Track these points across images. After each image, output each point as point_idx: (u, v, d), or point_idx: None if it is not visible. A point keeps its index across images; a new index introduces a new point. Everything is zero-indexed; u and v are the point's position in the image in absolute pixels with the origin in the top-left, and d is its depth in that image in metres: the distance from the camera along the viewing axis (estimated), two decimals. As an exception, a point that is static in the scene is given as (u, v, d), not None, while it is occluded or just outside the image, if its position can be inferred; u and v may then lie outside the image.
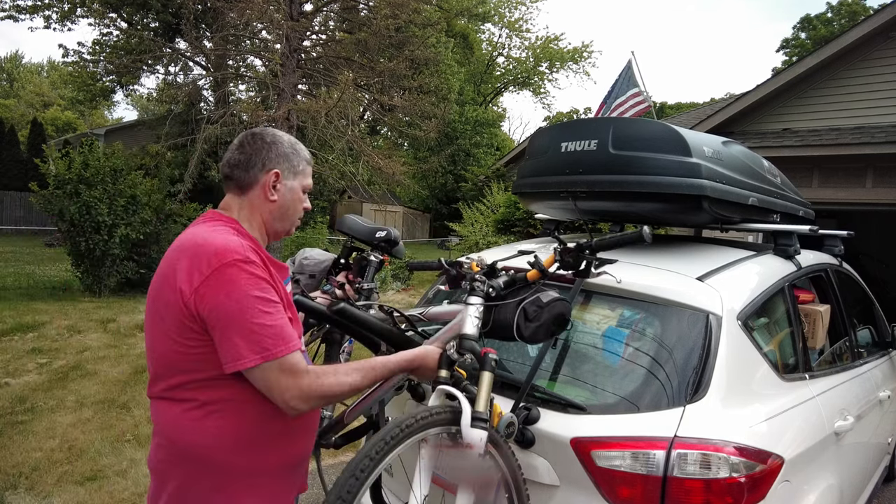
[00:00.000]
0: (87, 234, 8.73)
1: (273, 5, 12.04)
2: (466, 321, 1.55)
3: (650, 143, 2.16)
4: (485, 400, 1.43)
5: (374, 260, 2.28)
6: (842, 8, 31.23)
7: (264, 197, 1.45)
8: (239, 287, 1.25)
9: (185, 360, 1.30)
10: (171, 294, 1.28)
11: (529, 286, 1.60)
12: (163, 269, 1.35)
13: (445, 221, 17.35)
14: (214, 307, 1.24)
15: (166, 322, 1.30)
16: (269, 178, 1.44)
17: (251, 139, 1.46)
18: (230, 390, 1.31)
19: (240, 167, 1.44)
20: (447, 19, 22.50)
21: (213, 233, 1.34)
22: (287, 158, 1.47)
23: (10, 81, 42.20)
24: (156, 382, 1.36)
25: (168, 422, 1.34)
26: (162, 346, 1.32)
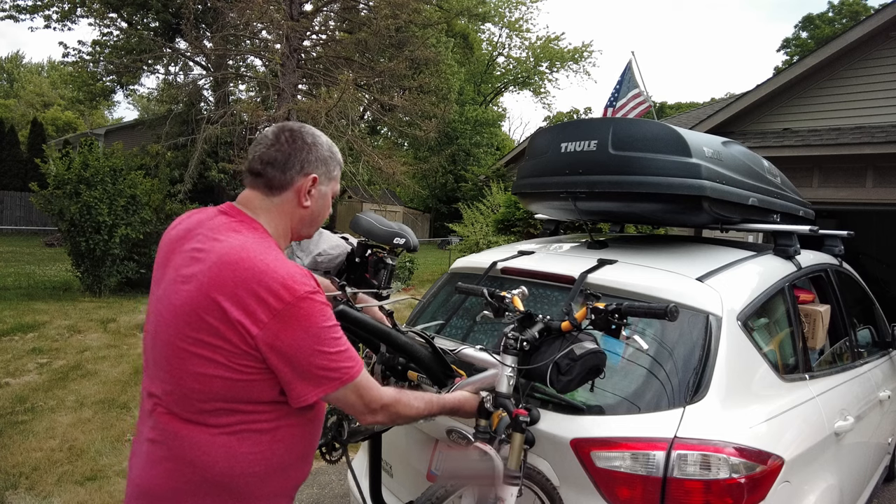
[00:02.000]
0: (87, 234, 8.74)
1: (273, 5, 12.04)
2: (502, 380, 1.62)
3: (650, 144, 2.15)
4: (517, 458, 1.53)
5: (390, 264, 2.27)
6: (843, 7, 31.22)
7: (297, 202, 1.34)
8: (313, 321, 1.18)
9: (230, 389, 1.20)
10: (219, 322, 1.16)
11: (563, 336, 1.63)
12: (206, 287, 1.18)
13: (445, 222, 17.34)
14: (288, 345, 1.17)
15: (217, 352, 1.18)
16: (305, 183, 1.34)
17: (290, 136, 1.33)
18: (269, 416, 1.25)
19: (275, 166, 1.31)
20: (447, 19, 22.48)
21: (264, 252, 1.21)
22: (325, 163, 1.38)
23: (11, 81, 42.21)
24: (178, 403, 1.23)
25: (196, 446, 1.22)
26: (201, 373, 1.19)
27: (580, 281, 2.02)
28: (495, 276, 2.37)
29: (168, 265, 1.30)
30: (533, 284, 2.21)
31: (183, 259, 1.26)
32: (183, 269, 1.24)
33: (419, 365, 1.74)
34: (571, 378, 1.54)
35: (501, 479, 1.51)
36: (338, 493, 3.47)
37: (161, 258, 1.35)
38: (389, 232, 2.31)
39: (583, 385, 1.61)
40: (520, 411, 1.56)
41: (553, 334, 1.65)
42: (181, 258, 1.27)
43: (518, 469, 1.52)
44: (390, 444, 2.18)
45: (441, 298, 2.61)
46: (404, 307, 6.15)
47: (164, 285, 1.28)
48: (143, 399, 1.33)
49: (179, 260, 1.27)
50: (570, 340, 1.59)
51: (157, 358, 1.26)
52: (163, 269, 1.32)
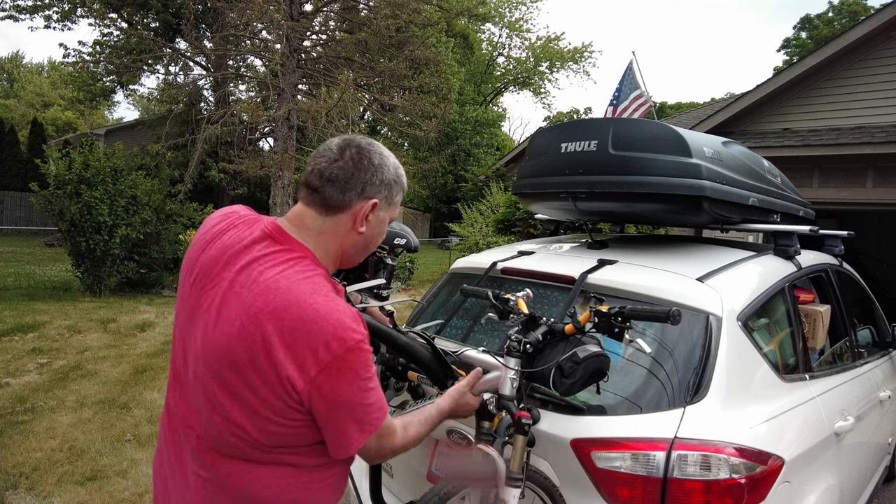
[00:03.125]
0: (87, 234, 8.74)
1: (273, 5, 12.04)
2: (506, 382, 1.62)
3: (650, 144, 2.15)
4: (519, 460, 1.53)
5: (390, 264, 2.27)
6: (843, 7, 31.22)
7: (352, 226, 1.24)
8: (357, 374, 1.12)
9: (278, 438, 1.15)
10: (272, 374, 1.09)
11: (567, 339, 1.63)
12: (249, 332, 1.10)
13: (445, 222, 17.34)
14: (332, 398, 1.11)
15: (264, 400, 1.11)
16: (364, 208, 1.23)
17: (356, 154, 1.22)
18: (324, 453, 1.22)
19: (335, 185, 1.20)
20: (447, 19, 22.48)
21: (313, 293, 1.12)
22: (389, 187, 1.27)
23: (11, 81, 42.21)
24: (222, 444, 1.17)
25: (254, 480, 1.16)
26: (246, 417, 1.13)
27: (580, 281, 2.02)
28: (495, 276, 2.37)
29: (205, 289, 1.19)
30: (533, 285, 2.20)
31: (223, 290, 1.16)
32: (224, 305, 1.14)
33: (419, 365, 1.74)
34: (574, 381, 1.54)
35: (504, 481, 1.51)
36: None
37: (194, 278, 1.22)
38: (390, 232, 2.31)
39: (586, 388, 1.61)
40: (522, 413, 1.56)
41: (556, 337, 1.65)
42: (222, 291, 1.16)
43: (520, 471, 1.53)
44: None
45: (441, 299, 2.61)
46: (405, 308, 6.15)
47: (203, 317, 1.17)
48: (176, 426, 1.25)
49: (219, 292, 1.16)
50: (574, 343, 1.59)
51: (199, 398, 1.18)
52: (197, 289, 1.21)
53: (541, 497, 1.65)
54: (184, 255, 1.61)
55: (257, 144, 18.13)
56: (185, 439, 1.22)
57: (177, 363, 1.25)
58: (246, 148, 14.31)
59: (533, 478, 1.62)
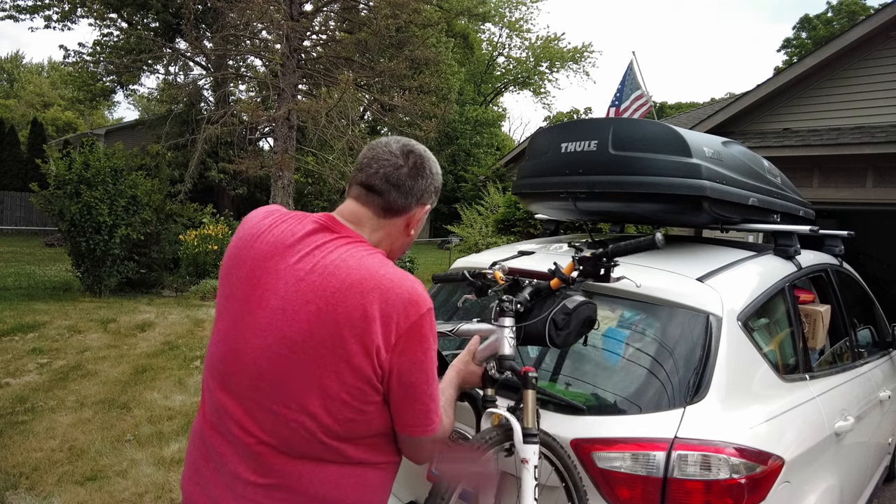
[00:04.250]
0: (87, 235, 8.74)
1: (273, 5, 12.04)
2: (504, 343, 1.61)
3: (650, 144, 2.15)
4: (532, 415, 1.51)
5: None
6: (842, 7, 31.23)
7: (404, 229, 1.29)
8: (429, 341, 1.12)
9: (353, 426, 1.13)
10: (359, 350, 1.07)
11: (554, 294, 1.63)
12: (330, 311, 1.08)
13: (444, 223, 17.35)
14: (410, 368, 1.10)
15: (347, 385, 1.09)
16: (419, 213, 1.29)
17: (420, 163, 1.27)
18: (387, 449, 1.22)
19: (400, 190, 1.23)
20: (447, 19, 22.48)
21: (386, 266, 1.15)
22: (437, 194, 1.34)
23: (11, 81, 42.21)
24: (290, 440, 1.13)
25: (325, 481, 1.14)
26: (323, 408, 1.10)
27: (579, 282, 2.02)
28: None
29: (259, 283, 1.16)
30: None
31: (286, 284, 1.14)
32: (292, 295, 1.12)
33: None
34: (569, 331, 1.56)
35: (521, 439, 1.48)
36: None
37: (243, 274, 1.20)
38: None
39: (580, 338, 1.62)
40: (528, 368, 1.55)
41: (543, 294, 1.66)
42: (283, 283, 1.14)
43: (535, 427, 1.51)
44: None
45: (441, 299, 2.61)
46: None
47: (269, 314, 1.14)
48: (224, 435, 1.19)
49: (282, 285, 1.14)
50: (561, 297, 1.61)
51: (265, 395, 1.13)
52: (249, 285, 1.18)
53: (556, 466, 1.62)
54: (184, 255, 1.59)
55: (257, 144, 18.14)
56: (240, 448, 1.16)
57: (226, 366, 1.19)
58: (246, 148, 14.32)
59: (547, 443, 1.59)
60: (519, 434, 1.48)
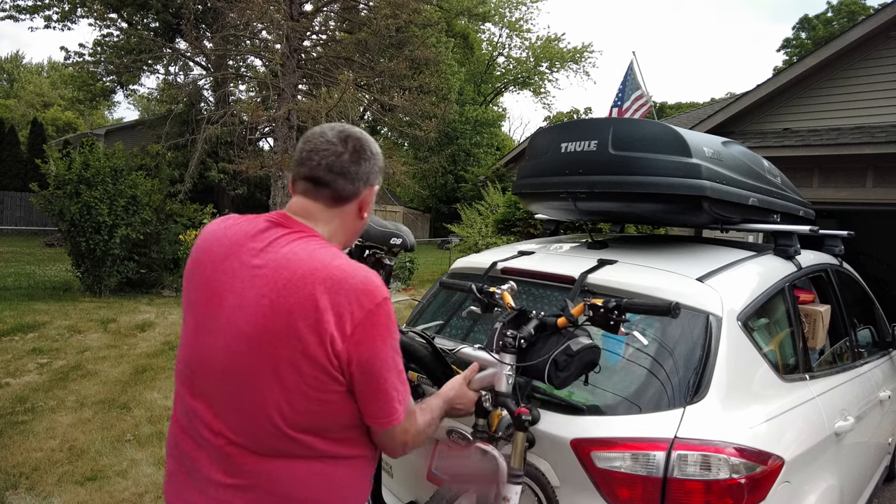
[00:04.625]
0: (87, 235, 8.74)
1: (273, 5, 12.05)
2: (502, 379, 1.61)
3: (650, 144, 2.15)
4: (519, 456, 1.53)
5: (388, 264, 2.27)
6: (842, 8, 31.23)
7: (357, 214, 1.29)
8: (389, 331, 1.12)
9: (317, 418, 1.13)
10: (313, 340, 1.07)
11: (559, 332, 1.62)
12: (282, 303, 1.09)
13: (445, 222, 17.35)
14: (369, 358, 1.10)
15: (304, 375, 1.09)
16: (368, 196, 1.29)
17: (359, 146, 1.25)
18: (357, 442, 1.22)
19: (346, 177, 1.22)
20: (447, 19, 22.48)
21: (338, 258, 1.14)
22: (381, 172, 1.33)
23: (11, 81, 42.21)
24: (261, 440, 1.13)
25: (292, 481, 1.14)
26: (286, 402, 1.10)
27: (580, 281, 2.02)
28: (495, 276, 2.37)
29: (223, 289, 1.17)
30: (533, 285, 2.21)
31: (242, 281, 1.15)
32: (248, 291, 1.13)
33: (419, 365, 1.74)
34: (569, 374, 1.55)
35: (505, 478, 1.51)
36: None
37: (203, 281, 1.21)
38: (386, 232, 2.31)
39: (579, 378, 1.61)
40: (522, 410, 1.55)
41: (548, 331, 1.65)
42: (239, 281, 1.15)
43: (521, 467, 1.53)
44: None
45: (441, 299, 2.61)
46: (404, 307, 6.15)
47: (227, 312, 1.14)
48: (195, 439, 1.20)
49: (238, 283, 1.15)
50: (567, 336, 1.59)
51: (229, 394, 1.14)
52: (213, 293, 1.18)
53: (537, 495, 1.65)
54: (184, 255, 1.60)
55: (257, 144, 18.15)
56: (211, 451, 1.17)
57: (192, 370, 1.20)
58: (246, 148, 14.33)
59: (531, 474, 1.62)
60: (504, 473, 1.51)
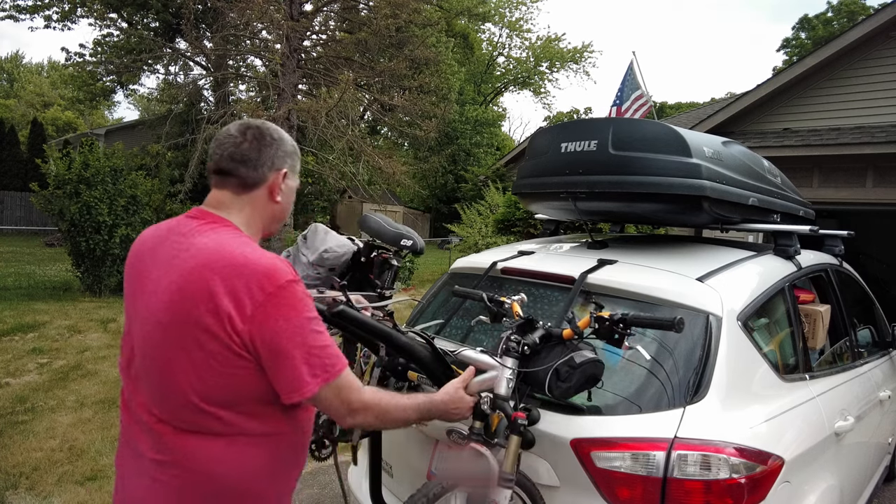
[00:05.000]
0: (87, 234, 8.73)
1: (273, 5, 12.05)
2: (502, 382, 1.61)
3: (650, 144, 2.15)
4: (512, 461, 1.53)
5: (395, 265, 2.26)
6: (842, 8, 31.22)
7: (269, 198, 1.36)
8: (294, 312, 1.18)
9: (230, 393, 1.20)
10: (212, 320, 1.16)
11: (564, 343, 1.62)
12: (187, 288, 1.18)
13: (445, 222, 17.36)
14: (272, 337, 1.16)
15: (209, 352, 1.17)
16: (277, 178, 1.36)
17: (258, 134, 1.34)
18: (273, 418, 1.27)
19: (247, 164, 1.31)
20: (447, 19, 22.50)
21: (241, 246, 1.23)
22: (291, 157, 1.40)
23: (11, 81, 42.19)
24: (176, 416, 1.22)
25: (210, 459, 1.21)
26: (197, 377, 1.19)
27: (580, 281, 2.02)
28: (495, 276, 2.37)
29: (144, 278, 1.28)
30: (533, 285, 2.21)
31: (159, 270, 1.25)
32: (162, 279, 1.23)
33: (419, 365, 1.74)
34: (570, 385, 1.54)
35: (496, 481, 1.51)
36: (338, 493, 3.47)
37: (133, 273, 1.32)
38: (397, 234, 2.31)
39: (580, 393, 1.60)
40: (518, 414, 1.55)
41: (553, 341, 1.65)
42: (157, 270, 1.25)
43: (513, 472, 1.53)
44: (390, 444, 2.18)
45: (441, 299, 2.61)
46: (405, 307, 6.15)
47: (145, 298, 1.26)
48: (133, 417, 1.29)
49: (156, 272, 1.25)
50: (571, 348, 1.59)
51: (151, 373, 1.24)
52: (138, 282, 1.30)
53: (521, 497, 1.64)
54: None
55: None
56: (144, 428, 1.26)
57: (126, 356, 1.32)
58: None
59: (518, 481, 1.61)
60: (495, 476, 1.50)
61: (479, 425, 1.61)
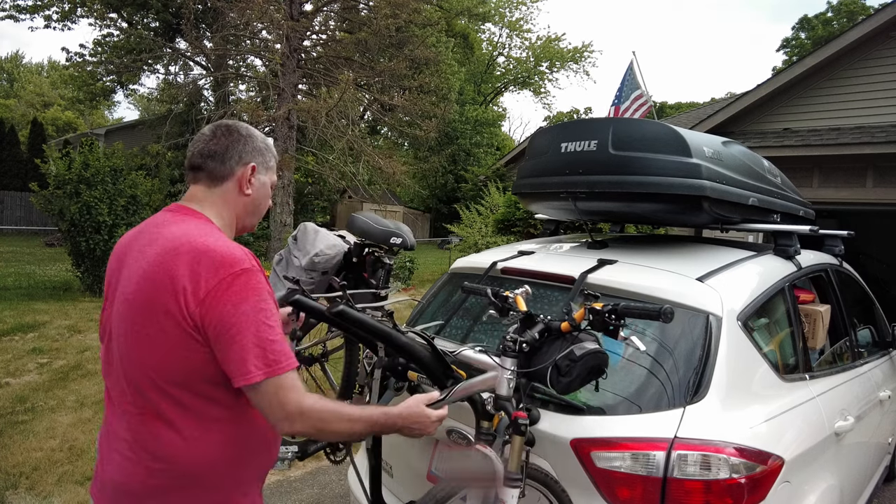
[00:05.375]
0: (87, 234, 8.73)
1: (273, 5, 12.05)
2: (502, 382, 1.61)
3: (650, 144, 2.15)
4: (516, 460, 1.53)
5: (388, 263, 2.25)
6: (841, 7, 31.21)
7: (239, 191, 1.43)
8: (246, 299, 1.22)
9: (185, 373, 1.25)
10: (171, 302, 1.22)
11: (563, 336, 1.62)
12: (151, 272, 1.25)
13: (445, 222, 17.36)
14: (221, 320, 1.20)
15: (167, 332, 1.23)
16: (245, 172, 1.43)
17: (226, 130, 1.43)
18: (233, 402, 1.29)
19: (215, 158, 1.40)
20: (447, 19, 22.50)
21: (205, 235, 1.29)
22: (262, 153, 1.47)
23: (11, 81, 42.18)
24: (139, 396, 1.27)
25: (169, 441, 1.26)
26: (156, 357, 1.24)
27: (580, 281, 2.02)
28: (495, 276, 2.37)
29: (122, 268, 1.35)
30: (533, 284, 2.20)
31: (133, 258, 1.33)
32: (134, 266, 1.30)
33: (419, 365, 1.74)
34: (572, 379, 1.54)
35: (502, 481, 1.51)
36: (338, 493, 3.47)
37: (113, 267, 1.39)
38: (386, 231, 2.29)
39: (584, 385, 1.60)
40: (519, 414, 1.55)
41: (553, 335, 1.64)
42: (132, 259, 1.33)
43: (518, 471, 1.53)
44: (390, 444, 2.18)
45: (441, 298, 2.61)
46: (404, 307, 6.15)
47: (121, 285, 1.32)
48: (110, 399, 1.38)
49: (131, 261, 1.33)
50: (571, 341, 1.58)
51: (121, 354, 1.30)
52: (116, 275, 1.37)
53: (545, 495, 1.65)
54: None
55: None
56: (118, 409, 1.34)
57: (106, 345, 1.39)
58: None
59: (535, 476, 1.61)
60: (501, 476, 1.50)
61: (486, 425, 1.62)
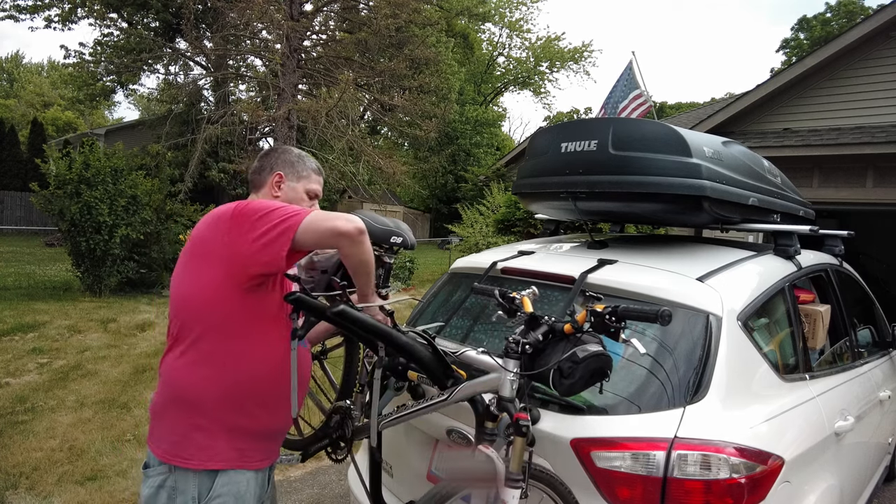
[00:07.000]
0: (87, 234, 8.73)
1: (273, 5, 12.05)
2: (505, 384, 1.62)
3: (650, 144, 2.15)
4: (517, 461, 1.53)
5: (388, 263, 2.25)
6: (840, 8, 31.20)
7: (270, 194, 1.82)
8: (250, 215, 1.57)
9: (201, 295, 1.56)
10: (209, 233, 1.62)
11: (567, 338, 1.61)
12: (199, 231, 1.65)
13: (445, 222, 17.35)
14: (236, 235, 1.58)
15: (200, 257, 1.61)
16: (273, 179, 1.83)
17: (267, 152, 1.90)
18: (222, 345, 1.55)
19: (256, 172, 1.87)
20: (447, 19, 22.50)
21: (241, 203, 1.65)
22: (291, 165, 1.86)
23: (11, 81, 42.17)
24: (174, 325, 1.62)
25: (167, 366, 1.61)
26: (187, 279, 1.61)
27: (580, 281, 2.02)
28: (495, 276, 2.37)
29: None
30: (533, 284, 2.20)
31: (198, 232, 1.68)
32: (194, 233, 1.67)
33: (420, 365, 1.74)
34: (574, 381, 1.53)
35: (503, 481, 1.51)
36: (338, 493, 3.47)
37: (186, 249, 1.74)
38: (386, 230, 2.28)
39: (588, 388, 1.59)
40: (521, 415, 1.55)
41: (557, 336, 1.64)
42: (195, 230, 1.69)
43: (519, 472, 1.53)
44: (390, 444, 2.18)
45: (441, 298, 2.61)
46: (404, 307, 6.15)
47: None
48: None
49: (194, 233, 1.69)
50: (574, 343, 1.58)
51: (173, 298, 1.63)
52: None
53: (550, 496, 1.64)
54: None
55: (257, 144, 18.11)
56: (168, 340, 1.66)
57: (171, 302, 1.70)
58: (246, 148, 14.33)
59: (539, 477, 1.61)
60: (502, 476, 1.51)
61: (490, 426, 1.61)
